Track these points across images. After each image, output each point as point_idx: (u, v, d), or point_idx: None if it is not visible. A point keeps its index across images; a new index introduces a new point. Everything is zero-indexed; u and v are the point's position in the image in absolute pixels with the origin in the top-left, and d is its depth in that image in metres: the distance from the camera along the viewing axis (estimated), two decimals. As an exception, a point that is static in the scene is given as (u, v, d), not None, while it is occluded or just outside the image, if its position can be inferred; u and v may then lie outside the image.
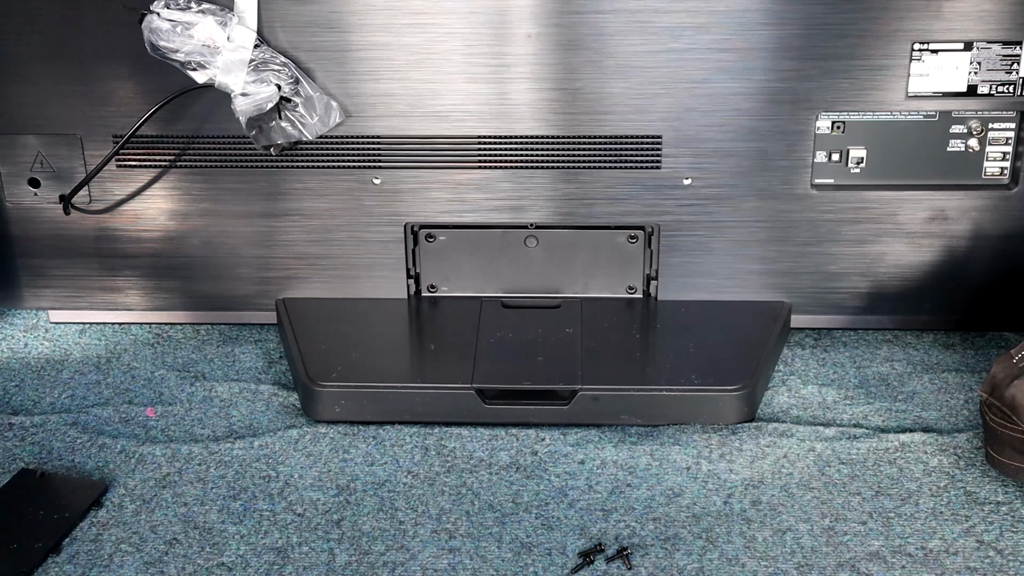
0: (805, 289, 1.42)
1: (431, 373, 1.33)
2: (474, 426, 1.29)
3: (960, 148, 1.35)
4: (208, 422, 1.31)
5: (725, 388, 1.28)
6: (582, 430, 1.28)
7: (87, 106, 1.36)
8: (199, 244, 1.43)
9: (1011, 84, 1.31)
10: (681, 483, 1.19)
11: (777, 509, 1.15)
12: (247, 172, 1.39)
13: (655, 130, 1.34)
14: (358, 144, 1.37)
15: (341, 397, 1.29)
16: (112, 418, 1.32)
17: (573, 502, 1.17)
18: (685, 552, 1.09)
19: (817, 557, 1.09)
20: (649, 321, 1.42)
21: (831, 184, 1.37)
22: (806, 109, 1.33)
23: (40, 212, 1.42)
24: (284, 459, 1.24)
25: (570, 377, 1.29)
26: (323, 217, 1.41)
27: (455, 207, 1.40)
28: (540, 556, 1.09)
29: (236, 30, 1.27)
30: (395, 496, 1.18)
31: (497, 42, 1.30)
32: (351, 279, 1.45)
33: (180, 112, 1.35)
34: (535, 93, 1.32)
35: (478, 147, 1.36)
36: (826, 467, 1.21)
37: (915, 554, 1.09)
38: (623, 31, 1.29)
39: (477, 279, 1.44)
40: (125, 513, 1.16)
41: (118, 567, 1.09)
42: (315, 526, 1.14)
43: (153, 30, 1.25)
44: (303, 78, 1.30)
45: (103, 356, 1.45)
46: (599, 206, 1.39)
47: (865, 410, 1.31)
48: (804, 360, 1.41)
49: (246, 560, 1.10)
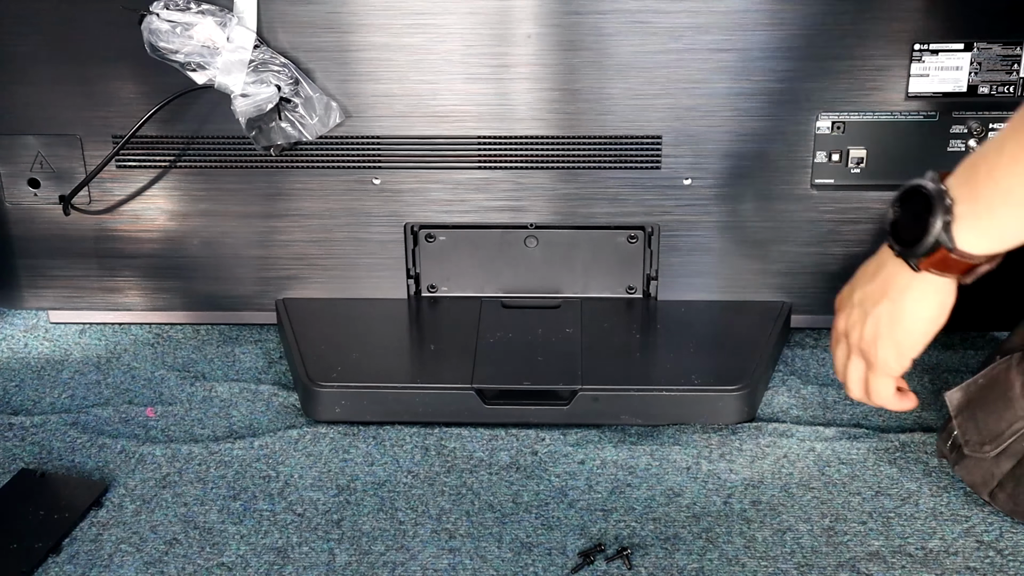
0: (805, 289, 1.42)
1: (431, 373, 1.33)
2: (474, 426, 1.29)
3: (960, 148, 1.35)
4: (208, 422, 1.31)
5: (725, 388, 1.28)
6: (582, 430, 1.28)
7: (87, 106, 1.36)
8: (199, 244, 1.43)
9: (1011, 84, 1.31)
10: (681, 483, 1.19)
11: (777, 509, 1.15)
12: (247, 172, 1.39)
13: (655, 130, 1.34)
14: (358, 144, 1.37)
15: (341, 397, 1.29)
16: (112, 418, 1.32)
17: (573, 502, 1.17)
18: (685, 552, 1.09)
19: (817, 557, 1.09)
20: (649, 321, 1.42)
21: (831, 184, 1.37)
22: (806, 109, 1.33)
23: (40, 212, 1.42)
24: (284, 459, 1.24)
25: (570, 377, 1.29)
26: (323, 217, 1.41)
27: (455, 207, 1.40)
28: (540, 556, 1.09)
29: (236, 31, 1.27)
30: (395, 496, 1.18)
31: (497, 43, 1.30)
32: (351, 279, 1.45)
33: (180, 113, 1.35)
34: (535, 93, 1.32)
35: (478, 147, 1.36)
36: (826, 467, 1.21)
37: (915, 554, 1.09)
38: (623, 31, 1.29)
39: (477, 279, 1.44)
40: (125, 513, 1.16)
41: (118, 567, 1.09)
42: (315, 526, 1.14)
43: (153, 31, 1.25)
44: (303, 79, 1.30)
45: (103, 356, 1.45)
46: (599, 206, 1.39)
47: (865, 410, 1.31)
48: (804, 360, 1.41)
49: (246, 560, 1.10)
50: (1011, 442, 1.09)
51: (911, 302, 0.95)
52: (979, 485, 1.13)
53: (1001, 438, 1.10)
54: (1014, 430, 1.09)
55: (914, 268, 0.94)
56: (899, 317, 0.96)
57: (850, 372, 1.04)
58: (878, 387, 1.02)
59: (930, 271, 0.92)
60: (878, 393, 1.02)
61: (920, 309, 0.95)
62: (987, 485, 1.12)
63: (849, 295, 1.03)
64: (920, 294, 0.95)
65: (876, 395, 1.03)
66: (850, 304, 1.02)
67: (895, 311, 0.96)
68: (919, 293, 0.95)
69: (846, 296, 1.04)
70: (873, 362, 1.00)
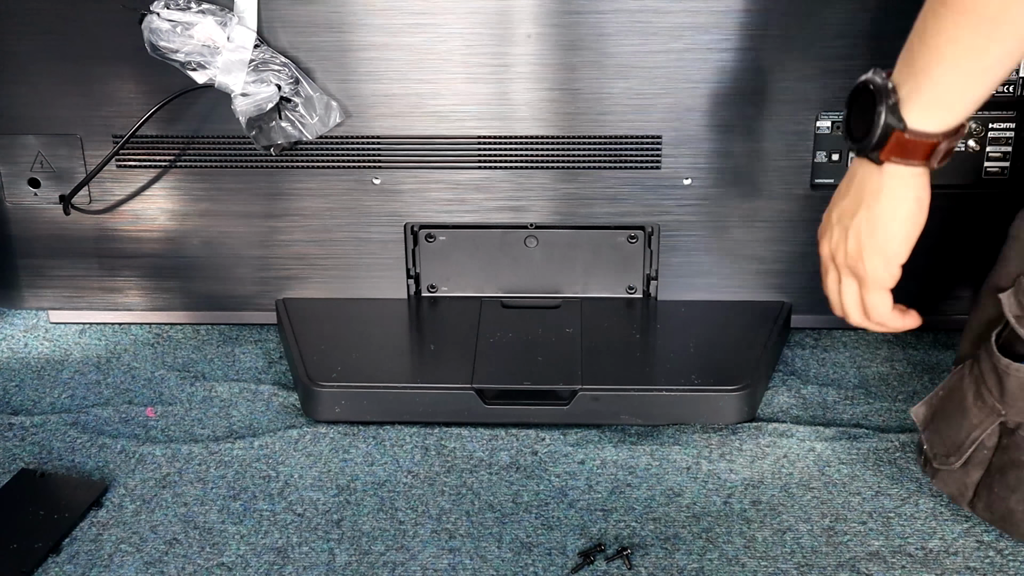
0: (805, 289, 1.42)
1: (431, 373, 1.33)
2: (474, 426, 1.29)
3: (960, 148, 1.35)
4: (208, 422, 1.31)
5: (725, 388, 1.28)
6: (582, 430, 1.28)
7: (87, 106, 1.36)
8: (199, 244, 1.43)
9: (1011, 84, 1.31)
10: (681, 483, 1.19)
11: (777, 509, 1.15)
12: (247, 172, 1.39)
13: (655, 130, 1.34)
14: (358, 144, 1.37)
15: (341, 397, 1.29)
16: (112, 418, 1.32)
17: (573, 502, 1.17)
18: (685, 552, 1.09)
19: (817, 557, 1.09)
20: (649, 321, 1.42)
21: (831, 184, 1.37)
22: (806, 109, 1.33)
23: (40, 212, 1.42)
24: (284, 459, 1.24)
25: (570, 377, 1.29)
26: (323, 217, 1.41)
27: (455, 207, 1.40)
28: (540, 556, 1.09)
29: (236, 30, 1.27)
30: (395, 496, 1.18)
31: (497, 42, 1.30)
32: (351, 279, 1.45)
33: (180, 112, 1.35)
34: (535, 93, 1.32)
35: (478, 147, 1.36)
36: (826, 467, 1.21)
37: (915, 554, 1.09)
38: (623, 31, 1.29)
39: (477, 279, 1.44)
40: (125, 513, 1.16)
41: (118, 567, 1.09)
42: (315, 526, 1.14)
43: (153, 30, 1.25)
44: (303, 78, 1.30)
45: (103, 356, 1.45)
46: (599, 206, 1.39)
47: (865, 410, 1.31)
48: (804, 360, 1.41)
49: (246, 560, 1.10)
50: (972, 451, 1.09)
51: (886, 203, 0.94)
52: (957, 497, 1.12)
53: (962, 448, 1.09)
54: (972, 439, 1.08)
55: (877, 162, 0.92)
56: (877, 222, 0.94)
57: (845, 296, 1.01)
58: (874, 303, 0.99)
59: (893, 161, 0.91)
60: (876, 310, 0.99)
61: (896, 209, 0.94)
62: (964, 497, 1.11)
63: (827, 219, 1.01)
64: (893, 193, 0.93)
65: (875, 313, 1.00)
66: (829, 227, 1.00)
67: (872, 217, 0.95)
68: (891, 192, 0.93)
69: (824, 222, 1.02)
70: (863, 276, 0.98)
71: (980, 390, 1.07)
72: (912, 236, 0.95)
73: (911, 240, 0.95)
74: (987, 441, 1.07)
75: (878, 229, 0.95)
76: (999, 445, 1.07)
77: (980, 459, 1.09)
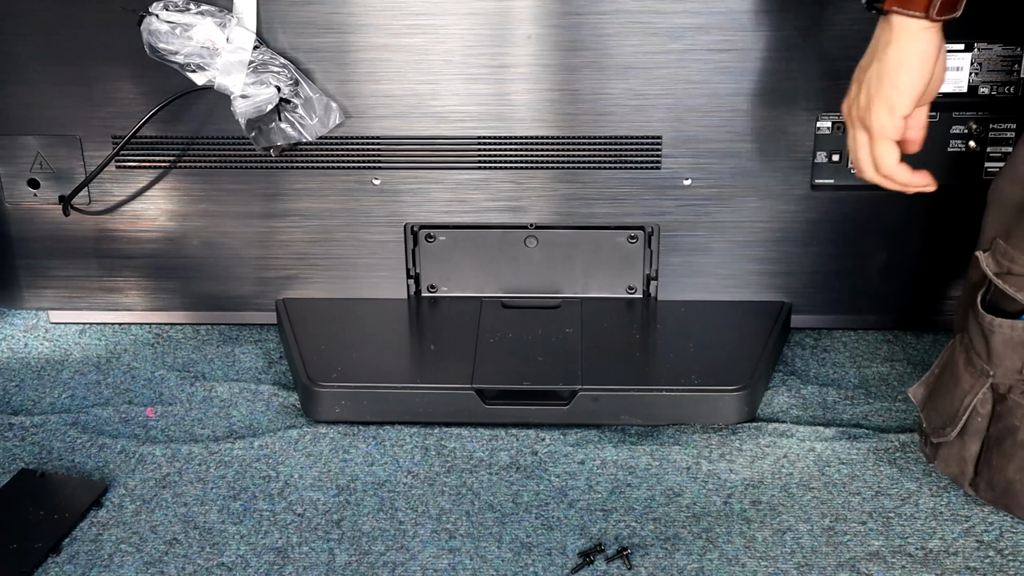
0: (805, 289, 1.42)
1: (431, 373, 1.33)
2: (474, 426, 1.29)
3: (960, 148, 1.35)
4: (208, 422, 1.31)
5: (725, 388, 1.28)
6: (582, 430, 1.28)
7: (87, 107, 1.36)
8: (199, 244, 1.43)
9: (1012, 85, 1.31)
10: (681, 483, 1.19)
11: (777, 509, 1.15)
12: (247, 173, 1.39)
13: (655, 130, 1.34)
14: (358, 145, 1.37)
15: (341, 397, 1.29)
16: (112, 418, 1.32)
17: (573, 502, 1.17)
18: (685, 552, 1.09)
19: (817, 557, 1.09)
20: (649, 321, 1.42)
21: (831, 184, 1.37)
22: (806, 109, 1.33)
23: (40, 213, 1.42)
24: (284, 459, 1.24)
25: (570, 377, 1.29)
26: (323, 217, 1.41)
27: (455, 207, 1.40)
28: (540, 556, 1.09)
29: (235, 32, 1.27)
30: (395, 496, 1.18)
31: (497, 43, 1.30)
32: (351, 279, 1.45)
33: (180, 114, 1.35)
34: (535, 94, 1.32)
35: (478, 147, 1.36)
36: (826, 467, 1.21)
37: (915, 554, 1.09)
38: (623, 32, 1.29)
39: (477, 279, 1.44)
40: (125, 513, 1.16)
41: (118, 567, 1.09)
42: (315, 526, 1.14)
43: (152, 32, 1.25)
44: (303, 79, 1.30)
45: (103, 356, 1.45)
46: (599, 206, 1.39)
47: (865, 410, 1.31)
48: (804, 360, 1.41)
49: (246, 560, 1.10)
50: (966, 419, 1.11)
51: (893, 55, 1.00)
52: (958, 476, 1.14)
53: (956, 416, 1.12)
54: (965, 406, 1.11)
55: (883, 12, 1.00)
56: (885, 73, 1.01)
57: (858, 150, 1.07)
58: (882, 154, 1.05)
59: (896, 11, 0.98)
60: (883, 161, 1.05)
61: (903, 60, 1.00)
62: (965, 475, 1.13)
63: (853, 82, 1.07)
64: (900, 45, 1.00)
65: (882, 164, 1.05)
66: (850, 86, 1.07)
67: (881, 69, 1.02)
68: (899, 45, 1.00)
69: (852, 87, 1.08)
70: (871, 126, 1.04)
71: (970, 355, 1.11)
72: (915, 89, 1.01)
73: (914, 92, 1.01)
74: (980, 408, 1.10)
75: (885, 79, 1.02)
76: (993, 413, 1.10)
77: (975, 428, 1.11)
